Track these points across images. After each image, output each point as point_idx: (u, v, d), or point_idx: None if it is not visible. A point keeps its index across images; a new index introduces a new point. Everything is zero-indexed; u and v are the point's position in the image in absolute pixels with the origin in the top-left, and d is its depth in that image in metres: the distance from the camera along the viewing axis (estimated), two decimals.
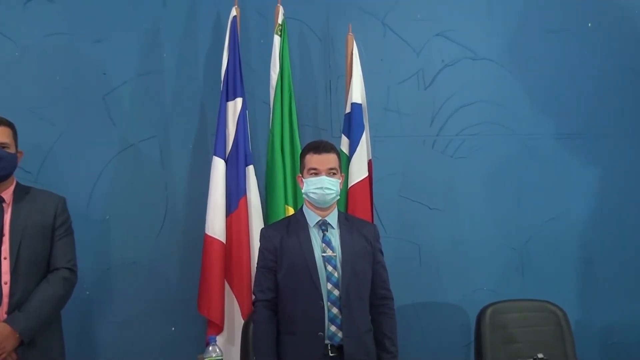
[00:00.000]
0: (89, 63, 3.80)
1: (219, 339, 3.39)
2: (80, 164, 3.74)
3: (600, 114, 4.11)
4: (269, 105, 3.70)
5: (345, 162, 3.63)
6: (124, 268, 3.74)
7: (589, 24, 4.15)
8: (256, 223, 3.57)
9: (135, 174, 3.80)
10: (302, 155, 3.01)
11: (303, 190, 2.95)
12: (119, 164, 3.79)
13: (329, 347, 2.83)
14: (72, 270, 2.98)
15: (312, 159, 2.93)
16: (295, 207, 3.56)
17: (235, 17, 3.68)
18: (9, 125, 2.94)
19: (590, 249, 4.05)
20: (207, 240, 3.51)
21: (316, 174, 2.91)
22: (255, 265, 3.05)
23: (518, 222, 4.00)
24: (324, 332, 2.82)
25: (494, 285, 3.94)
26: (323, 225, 2.96)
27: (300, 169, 3.04)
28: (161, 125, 3.84)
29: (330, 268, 2.87)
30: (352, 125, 3.69)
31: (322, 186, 2.89)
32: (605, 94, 4.13)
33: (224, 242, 3.51)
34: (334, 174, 2.94)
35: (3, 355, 2.74)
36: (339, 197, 3.00)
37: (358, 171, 3.65)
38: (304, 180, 2.95)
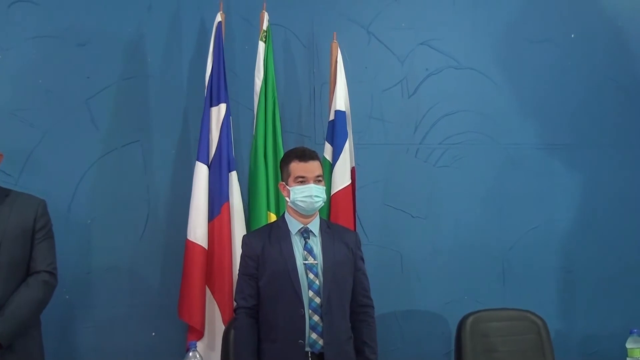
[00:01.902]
0: (72, 66, 3.81)
1: (200, 345, 3.42)
2: (62, 168, 3.74)
3: (584, 124, 4.16)
4: (253, 111, 3.71)
5: (328, 169, 3.66)
6: (104, 272, 3.74)
7: (572, 35, 4.19)
8: (238, 229, 3.58)
9: (117, 179, 3.80)
10: (286, 163, 3.01)
11: (290, 199, 2.95)
12: (101, 168, 3.79)
13: (310, 355, 2.85)
14: (52, 274, 2.97)
15: (299, 167, 2.93)
16: (277, 214, 3.58)
17: (220, 22, 3.70)
18: None
19: (571, 258, 4.08)
20: (188, 245, 3.52)
21: (303, 182, 2.92)
22: (237, 271, 3.06)
23: (500, 232, 4.03)
24: (304, 340, 2.84)
25: (475, 294, 3.96)
26: (305, 233, 2.97)
27: (282, 176, 3.04)
28: (144, 130, 3.84)
29: (311, 276, 2.88)
30: (335, 132, 3.70)
31: (310, 194, 2.90)
32: (588, 104, 4.17)
33: (206, 247, 3.52)
34: (320, 180, 2.96)
35: None
36: (323, 205, 3.03)
37: (341, 178, 3.67)
38: (289, 188, 2.95)
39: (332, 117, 3.74)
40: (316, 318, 2.85)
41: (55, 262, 3.01)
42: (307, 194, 2.91)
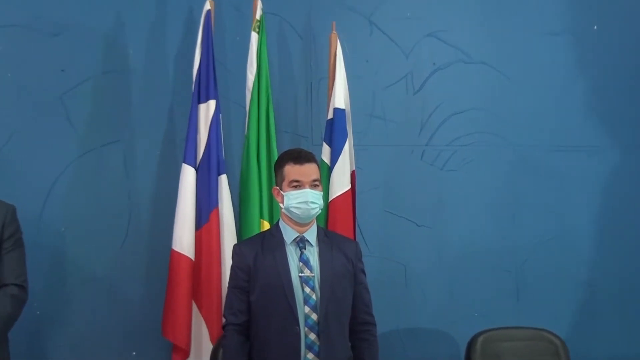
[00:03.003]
0: (45, 58, 3.81)
1: None
2: (34, 170, 3.74)
3: (605, 124, 4.18)
4: (245, 108, 3.73)
5: (326, 172, 3.67)
6: (80, 285, 3.74)
7: (594, 27, 4.22)
8: (228, 238, 3.59)
9: (95, 182, 3.80)
10: (280, 166, 2.99)
11: (283, 205, 2.94)
12: (77, 170, 3.79)
13: None
14: (22, 287, 2.96)
15: (293, 170, 2.92)
16: (271, 222, 3.59)
17: (209, 11, 3.71)
18: None
19: (593, 271, 4.10)
20: (173, 256, 3.52)
21: (299, 187, 2.91)
22: (227, 285, 3.05)
23: (513, 242, 4.05)
24: None
25: (486, 311, 3.97)
26: (301, 243, 2.96)
27: (276, 180, 3.04)
28: (125, 129, 3.85)
29: (307, 289, 2.88)
30: (334, 132, 3.72)
31: (306, 200, 2.89)
32: (610, 102, 4.19)
33: (193, 258, 3.53)
34: (317, 185, 2.94)
35: None
36: (320, 211, 3.02)
37: (340, 183, 3.68)
38: (283, 193, 2.94)
39: (330, 115, 3.75)
40: (312, 336, 2.84)
41: (25, 274, 3.01)
42: (302, 200, 2.90)
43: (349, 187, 3.70)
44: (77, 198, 3.78)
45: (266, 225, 3.57)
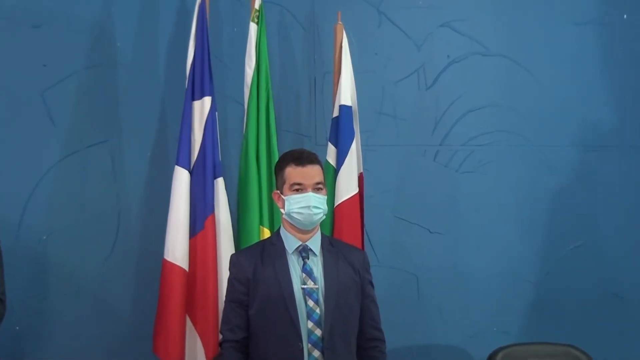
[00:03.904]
0: (26, 52, 3.82)
1: None
2: (12, 173, 3.76)
3: (637, 120, 4.17)
4: (243, 106, 3.73)
5: (331, 175, 3.68)
6: (63, 299, 3.76)
7: (625, 16, 4.20)
8: (225, 247, 3.59)
9: (80, 186, 3.82)
10: (280, 168, 2.99)
11: (284, 210, 2.93)
12: (60, 173, 3.81)
13: None
14: (0, 301, 2.98)
15: (295, 172, 2.92)
16: (271, 229, 3.59)
17: (203, 0, 3.72)
18: None
19: (622, 282, 4.10)
20: (166, 266, 3.52)
21: (300, 190, 2.90)
22: (223, 298, 3.06)
23: (536, 250, 4.05)
24: None
25: (505, 326, 3.98)
26: (303, 252, 2.95)
27: (277, 184, 3.03)
28: (113, 128, 3.86)
29: (311, 303, 2.87)
30: (340, 131, 3.72)
31: (308, 204, 2.88)
32: None
33: (187, 269, 3.53)
34: (320, 189, 2.93)
35: None
36: (324, 217, 3.02)
37: (346, 186, 3.68)
38: (284, 197, 2.93)
39: (336, 113, 3.75)
40: (316, 354, 2.84)
41: (3, 286, 3.02)
42: (304, 205, 2.89)
43: (356, 191, 3.70)
44: (60, 204, 3.79)
45: (266, 233, 3.57)
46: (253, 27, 3.72)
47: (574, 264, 4.06)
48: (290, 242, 2.97)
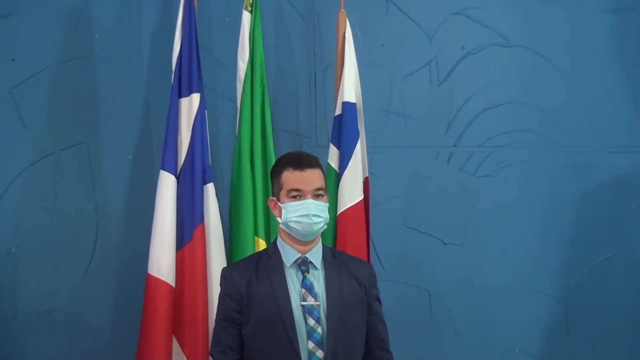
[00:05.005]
0: None
1: None
2: None
3: None
4: (236, 103, 3.74)
5: (333, 180, 3.69)
6: (34, 318, 3.76)
7: None
8: (216, 261, 3.60)
9: (54, 193, 3.82)
10: (277, 172, 2.98)
11: (281, 219, 2.93)
12: (32, 179, 3.81)
13: None
14: None
15: (293, 177, 2.91)
16: (267, 240, 3.60)
17: None
18: None
19: None
20: (150, 282, 3.52)
21: (299, 197, 2.90)
22: (214, 316, 3.03)
23: (562, 263, 4.05)
24: None
25: (528, 346, 3.99)
26: (303, 265, 2.95)
27: (273, 190, 3.03)
28: (91, 129, 3.87)
29: (312, 321, 2.86)
30: (343, 131, 3.72)
31: (307, 213, 2.88)
32: None
33: (173, 285, 3.53)
34: (321, 195, 2.93)
35: None
36: (326, 227, 3.01)
37: (350, 193, 3.69)
38: (281, 205, 2.93)
39: (338, 111, 3.75)
40: None
41: None
42: (303, 213, 2.88)
43: (361, 197, 3.71)
44: (31, 213, 3.79)
45: (262, 245, 3.58)
46: (246, 16, 3.74)
47: (604, 278, 4.06)
48: (288, 254, 2.97)
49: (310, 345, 2.84)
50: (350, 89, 3.74)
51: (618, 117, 4.13)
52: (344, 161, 3.70)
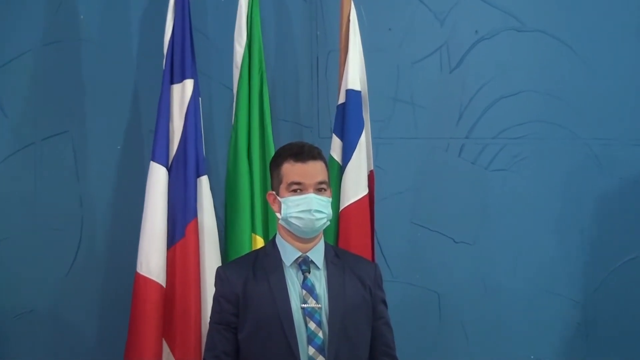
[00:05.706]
0: None
1: None
2: None
3: None
4: (232, 90, 3.73)
5: (336, 173, 3.68)
6: (15, 320, 3.76)
7: None
8: (210, 259, 3.60)
9: (35, 186, 3.82)
10: (276, 164, 2.98)
11: (281, 215, 2.93)
12: (11, 171, 3.82)
13: None
14: None
15: (294, 170, 2.91)
16: (266, 237, 3.60)
17: None
18: None
19: None
20: (139, 281, 3.52)
21: (300, 191, 2.89)
22: (208, 319, 3.05)
23: (582, 264, 4.04)
24: None
25: (545, 352, 3.99)
26: (304, 264, 2.95)
27: (272, 183, 3.03)
28: (75, 117, 3.87)
29: (312, 325, 2.86)
30: (346, 121, 3.71)
31: (309, 208, 2.87)
32: None
33: (163, 284, 3.53)
34: (324, 189, 2.92)
35: None
36: (329, 223, 3.01)
37: (354, 187, 3.68)
38: (280, 199, 2.93)
39: (342, 99, 3.74)
40: None
41: None
42: (304, 208, 2.88)
43: (365, 192, 3.71)
44: (11, 207, 3.80)
45: (259, 242, 3.58)
46: None
47: (626, 280, 4.05)
48: (288, 252, 2.97)
49: (311, 350, 2.84)
50: (354, 76, 3.73)
51: None
52: (347, 153, 3.69)
